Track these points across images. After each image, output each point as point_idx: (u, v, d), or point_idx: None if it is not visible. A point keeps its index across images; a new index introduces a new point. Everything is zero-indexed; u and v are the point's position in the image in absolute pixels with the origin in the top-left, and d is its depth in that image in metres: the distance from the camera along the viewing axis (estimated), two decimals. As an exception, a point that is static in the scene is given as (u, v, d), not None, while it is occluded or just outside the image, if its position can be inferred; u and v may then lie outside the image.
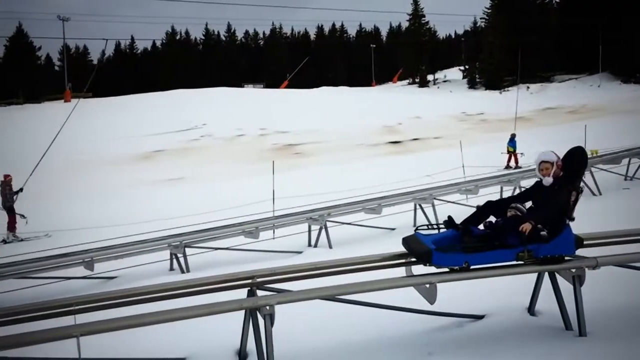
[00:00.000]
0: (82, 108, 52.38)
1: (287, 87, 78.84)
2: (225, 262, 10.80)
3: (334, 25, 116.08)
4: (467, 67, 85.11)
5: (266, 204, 14.56)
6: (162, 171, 28.57)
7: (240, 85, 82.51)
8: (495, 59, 72.26)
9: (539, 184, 5.79)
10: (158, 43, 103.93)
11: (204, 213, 14.81)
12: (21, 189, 16.66)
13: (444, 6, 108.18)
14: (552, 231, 5.49)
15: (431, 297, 5.31)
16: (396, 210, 13.51)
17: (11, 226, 16.34)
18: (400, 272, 5.75)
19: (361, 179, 19.98)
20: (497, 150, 24.26)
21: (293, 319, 5.65)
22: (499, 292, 6.48)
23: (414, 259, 5.59)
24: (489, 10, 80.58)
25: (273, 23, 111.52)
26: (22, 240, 15.97)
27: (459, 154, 19.92)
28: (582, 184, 5.82)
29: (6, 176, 16.87)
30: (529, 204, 5.91)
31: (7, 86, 74.79)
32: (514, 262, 5.50)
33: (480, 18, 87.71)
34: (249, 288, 5.34)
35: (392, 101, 54.73)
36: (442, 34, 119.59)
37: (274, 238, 12.59)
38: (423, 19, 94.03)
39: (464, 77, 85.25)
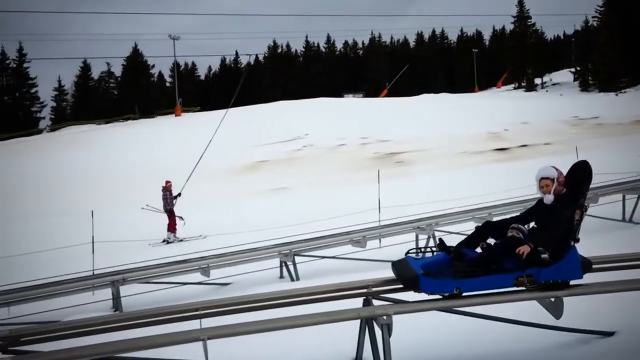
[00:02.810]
0: (191, 122, 55.31)
1: (387, 95, 78.63)
2: (333, 271, 10.88)
3: (433, 31, 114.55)
4: (578, 68, 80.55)
5: (370, 213, 14.54)
6: (267, 181, 29.40)
7: (340, 95, 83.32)
8: (609, 59, 67.86)
9: (540, 202, 5.35)
10: (261, 57, 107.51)
11: (309, 222, 15.02)
12: (179, 194, 17.95)
13: (551, 6, 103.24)
14: (555, 254, 5.01)
15: (557, 311, 5.04)
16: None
17: (172, 227, 17.53)
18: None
19: (466, 187, 19.44)
20: (616, 155, 22.70)
21: (408, 329, 5.57)
22: (630, 306, 6.03)
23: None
24: (602, 8, 76.03)
25: (372, 32, 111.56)
26: (181, 240, 17.05)
27: (572, 160, 18.81)
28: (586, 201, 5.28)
29: (167, 182, 18.21)
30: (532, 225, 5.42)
31: (124, 103, 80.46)
32: (513, 289, 5.06)
33: (592, 17, 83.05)
34: (364, 297, 5.35)
35: (497, 107, 52.93)
36: (549, 35, 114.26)
37: (380, 247, 12.53)
38: (529, 20, 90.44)
39: (575, 80, 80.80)
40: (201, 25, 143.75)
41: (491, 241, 5.35)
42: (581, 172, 5.37)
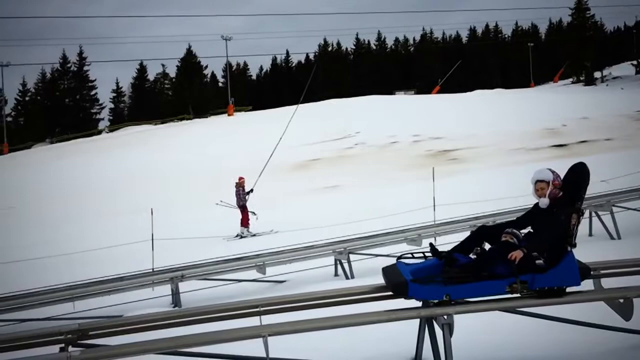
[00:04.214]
0: (245, 121, 56.05)
1: (439, 92, 77.49)
2: (388, 270, 10.79)
3: (487, 26, 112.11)
4: (640, 61, 77.34)
5: (423, 211, 14.36)
6: (319, 179, 29.48)
7: (391, 93, 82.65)
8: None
9: (536, 206, 5.22)
10: (311, 55, 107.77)
11: (362, 220, 14.99)
12: (252, 190, 18.32)
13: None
14: (550, 260, 4.80)
15: (626, 313, 4.86)
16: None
17: (245, 222, 17.95)
18: (589, 284, 5.31)
19: (523, 184, 18.88)
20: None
21: (471, 329, 5.47)
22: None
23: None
24: (666, -3, 72.70)
25: (423, 28, 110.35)
26: (254, 235, 17.40)
27: (637, 156, 18.12)
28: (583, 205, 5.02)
29: (240, 178, 18.65)
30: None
31: (179, 103, 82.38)
32: (507, 296, 4.88)
33: (655, 6, 79.46)
34: (424, 297, 5.29)
35: (554, 102, 51.31)
36: (609, 26, 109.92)
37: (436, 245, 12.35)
38: (587, 12, 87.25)
39: (637, 73, 77.58)
40: (252, 25, 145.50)
41: (486, 246, 5.23)
42: (578, 174, 5.20)
